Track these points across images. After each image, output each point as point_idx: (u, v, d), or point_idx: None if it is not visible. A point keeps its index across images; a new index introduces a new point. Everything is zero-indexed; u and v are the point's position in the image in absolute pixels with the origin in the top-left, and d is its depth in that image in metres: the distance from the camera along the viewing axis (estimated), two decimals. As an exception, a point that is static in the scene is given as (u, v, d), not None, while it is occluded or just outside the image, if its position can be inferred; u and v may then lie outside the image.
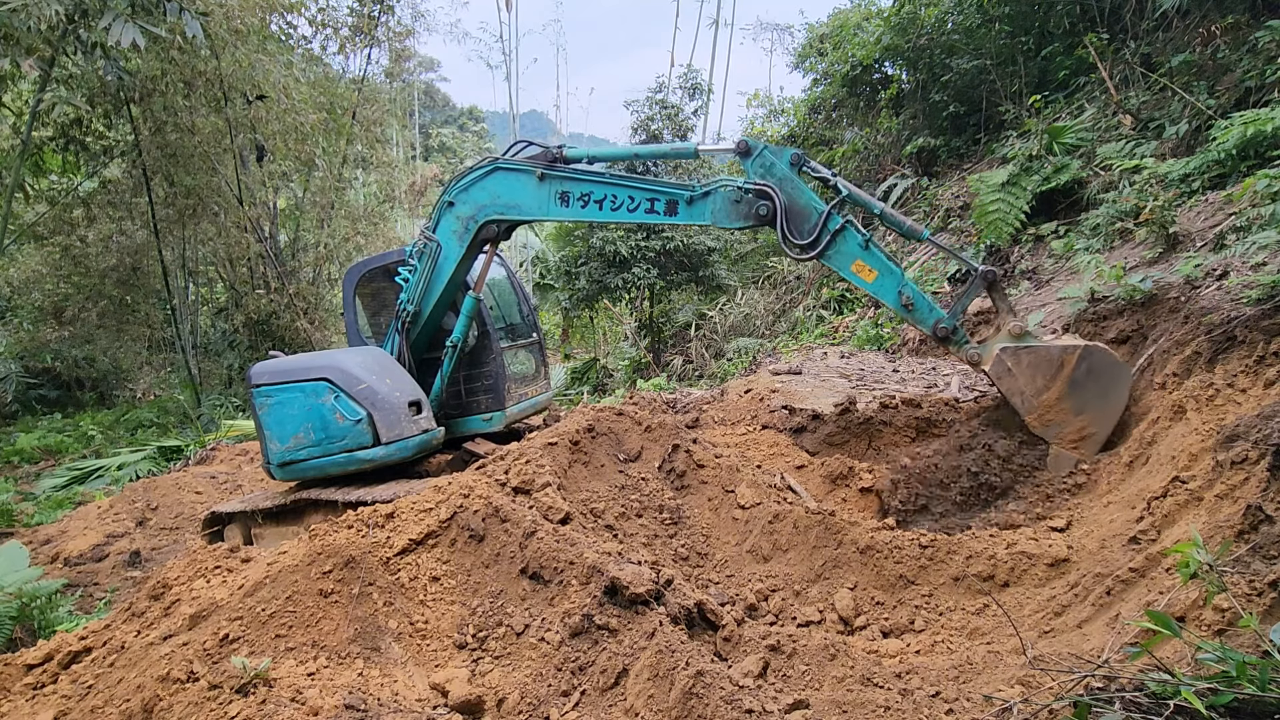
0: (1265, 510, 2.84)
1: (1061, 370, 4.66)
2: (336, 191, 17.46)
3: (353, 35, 16.48)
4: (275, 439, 5.46)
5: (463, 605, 3.59)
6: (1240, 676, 2.01)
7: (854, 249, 5.00)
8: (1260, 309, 4.31)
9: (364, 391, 5.45)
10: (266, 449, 5.53)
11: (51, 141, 13.26)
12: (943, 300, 9.89)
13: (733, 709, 2.59)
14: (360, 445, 5.44)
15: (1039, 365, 4.69)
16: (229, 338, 17.44)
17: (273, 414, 5.45)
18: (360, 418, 5.40)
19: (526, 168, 5.44)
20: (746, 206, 5.10)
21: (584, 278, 15.48)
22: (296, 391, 5.44)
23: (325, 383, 5.43)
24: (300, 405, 5.43)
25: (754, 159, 5.12)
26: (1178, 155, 7.90)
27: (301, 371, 5.51)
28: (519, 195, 5.48)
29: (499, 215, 5.62)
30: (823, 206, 5.01)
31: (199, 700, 2.77)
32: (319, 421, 5.41)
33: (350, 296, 6.49)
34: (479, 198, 5.62)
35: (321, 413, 5.41)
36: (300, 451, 5.44)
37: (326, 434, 5.42)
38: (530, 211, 5.57)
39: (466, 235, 5.69)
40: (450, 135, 36.25)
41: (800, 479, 5.61)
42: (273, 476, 5.65)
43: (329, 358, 5.79)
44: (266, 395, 5.48)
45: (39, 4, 8.21)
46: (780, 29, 25.67)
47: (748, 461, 5.52)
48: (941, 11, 12.51)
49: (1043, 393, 4.70)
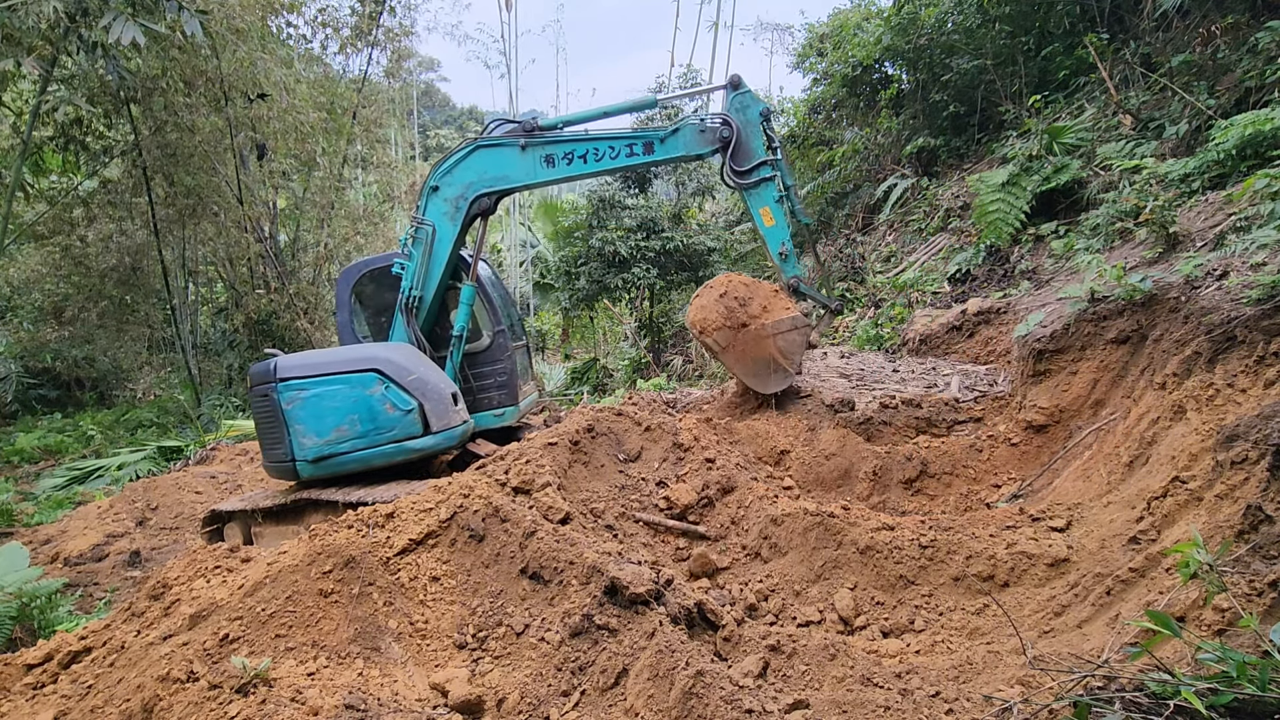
0: (1265, 510, 2.84)
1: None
2: (336, 191, 17.44)
3: (353, 35, 16.47)
4: (310, 433, 5.33)
5: (463, 605, 3.59)
6: (1240, 676, 2.01)
7: (769, 196, 6.05)
8: (1260, 309, 4.31)
9: (415, 382, 5.50)
10: (294, 445, 5.34)
11: (51, 141, 13.24)
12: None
13: (733, 709, 2.59)
14: (410, 435, 5.47)
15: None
16: (229, 338, 17.43)
17: (307, 408, 5.33)
18: (412, 408, 5.45)
19: (508, 141, 5.78)
20: (711, 134, 5.97)
21: (584, 278, 15.47)
22: (340, 384, 5.40)
23: (375, 373, 5.43)
24: (344, 397, 5.37)
25: (740, 93, 6.02)
26: (1178, 155, 7.90)
27: (344, 364, 5.48)
28: (506, 167, 5.83)
29: (489, 189, 5.95)
30: (764, 155, 6.02)
31: (199, 700, 2.77)
32: (366, 413, 5.39)
33: (346, 297, 6.50)
34: (465, 177, 5.90)
35: (370, 404, 5.39)
36: (343, 444, 5.37)
37: (375, 425, 5.40)
38: (519, 179, 5.92)
39: (458, 215, 5.96)
40: (446, 137, 36.39)
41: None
42: (295, 476, 5.41)
43: (370, 349, 5.75)
44: (298, 389, 5.34)
45: (38, 2, 8.21)
46: (780, 29, 25.61)
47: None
48: (941, 12, 12.50)
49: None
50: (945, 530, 4.32)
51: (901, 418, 6.42)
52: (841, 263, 13.28)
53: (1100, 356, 5.70)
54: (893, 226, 13.38)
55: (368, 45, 16.85)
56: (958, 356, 8.41)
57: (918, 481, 5.66)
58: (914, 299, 10.44)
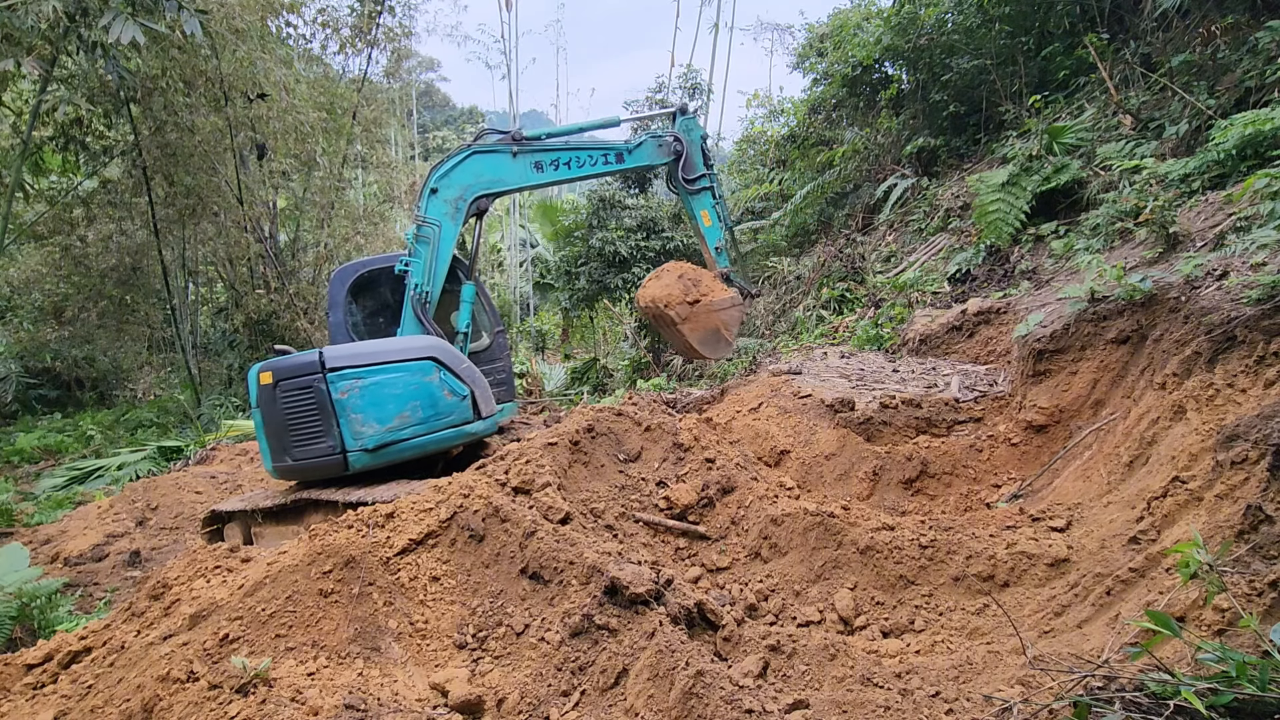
0: (1265, 510, 2.84)
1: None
2: (336, 191, 17.45)
3: (353, 35, 16.48)
4: (371, 421, 5.33)
5: (463, 605, 3.59)
6: (1240, 676, 2.01)
7: (708, 202, 7.18)
8: (1260, 309, 4.31)
9: (466, 370, 5.76)
10: (346, 435, 5.28)
11: (51, 141, 13.24)
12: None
13: (733, 709, 2.59)
14: (465, 420, 5.69)
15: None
16: (229, 338, 17.43)
17: (366, 396, 5.35)
18: (466, 394, 5.68)
19: (501, 148, 6.32)
20: (666, 148, 7.01)
21: (584, 278, 15.49)
22: (400, 371, 5.49)
23: (432, 361, 5.59)
24: (405, 384, 5.46)
25: (687, 118, 7.16)
26: (1178, 155, 7.89)
27: (400, 352, 5.58)
28: (500, 171, 6.33)
29: (486, 190, 6.37)
30: (704, 169, 7.15)
31: (199, 700, 2.77)
32: (428, 399, 5.51)
33: (341, 297, 6.51)
34: (463, 179, 6.25)
35: (430, 390, 5.53)
36: (405, 431, 5.44)
37: (435, 411, 5.53)
38: (513, 182, 6.51)
39: (459, 215, 6.30)
40: (444, 139, 36.52)
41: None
42: (344, 468, 5.34)
43: (421, 339, 5.89)
44: (354, 379, 5.33)
45: (38, 2, 8.21)
46: (780, 29, 25.58)
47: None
48: (941, 12, 12.49)
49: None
50: (945, 530, 4.32)
51: (901, 418, 6.42)
52: (841, 263, 13.27)
53: (1100, 356, 5.70)
54: (893, 226, 13.38)
55: (367, 45, 16.85)
56: (958, 356, 8.41)
57: (918, 481, 5.66)
58: (914, 299, 10.43)
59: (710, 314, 6.85)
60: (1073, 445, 5.32)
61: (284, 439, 5.39)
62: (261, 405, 5.45)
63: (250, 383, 5.59)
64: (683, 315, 6.74)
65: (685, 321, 6.74)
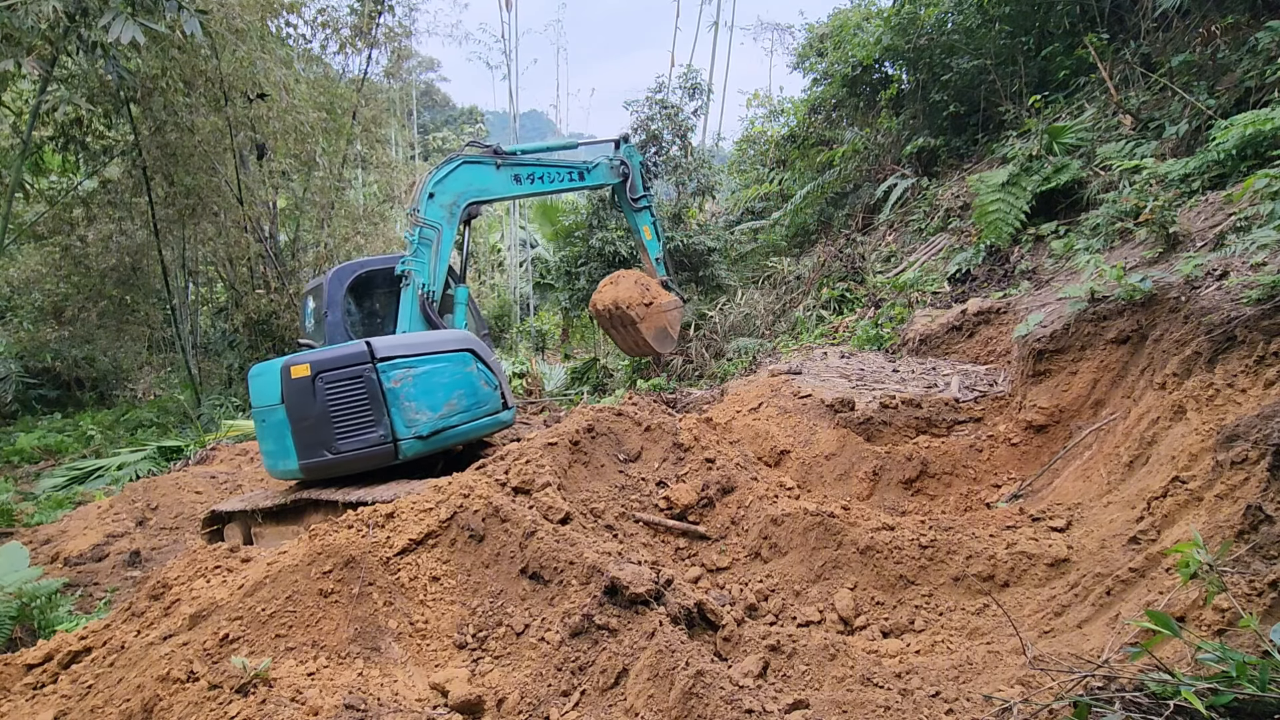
0: (1265, 510, 2.84)
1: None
2: (336, 191, 17.44)
3: (353, 35, 16.47)
4: (424, 409, 5.50)
5: (463, 605, 3.59)
6: (1240, 676, 2.01)
7: (649, 218, 8.20)
8: (1260, 309, 4.31)
9: (494, 361, 6.09)
10: (398, 423, 5.35)
11: (51, 141, 13.23)
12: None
13: (733, 709, 2.59)
14: (497, 409, 6.03)
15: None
16: (229, 338, 17.43)
17: (419, 385, 5.52)
18: (497, 384, 6.00)
19: (486, 160, 6.83)
20: (616, 170, 7.92)
21: (584, 278, 15.47)
22: (445, 361, 5.74)
23: (470, 353, 5.90)
24: (449, 374, 5.73)
25: (626, 147, 8.03)
26: (1178, 155, 7.89)
27: (441, 344, 5.86)
28: (487, 180, 6.83)
29: (476, 197, 6.83)
30: (644, 190, 8.13)
31: (199, 700, 2.77)
32: (469, 388, 5.80)
33: (340, 296, 6.51)
34: (456, 186, 6.63)
35: (471, 380, 5.85)
36: (453, 418, 5.69)
37: (475, 399, 5.82)
38: (497, 192, 7.02)
39: (454, 219, 6.66)
40: (444, 139, 36.62)
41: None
42: (394, 457, 5.42)
43: (455, 333, 6.17)
44: (406, 367, 5.49)
45: (38, 2, 8.21)
46: (780, 29, 25.64)
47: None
48: (941, 12, 12.49)
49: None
50: (945, 530, 4.32)
51: (901, 418, 6.42)
52: (841, 263, 13.27)
53: (1100, 356, 5.70)
54: (893, 226, 13.38)
55: (367, 45, 16.84)
56: (958, 356, 8.41)
57: (918, 481, 5.66)
58: (914, 299, 10.43)
59: (661, 314, 7.83)
60: (1073, 445, 5.32)
61: (324, 432, 5.32)
62: (292, 400, 5.33)
63: (270, 380, 5.46)
64: (641, 315, 7.64)
65: (643, 321, 7.64)
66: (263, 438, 5.70)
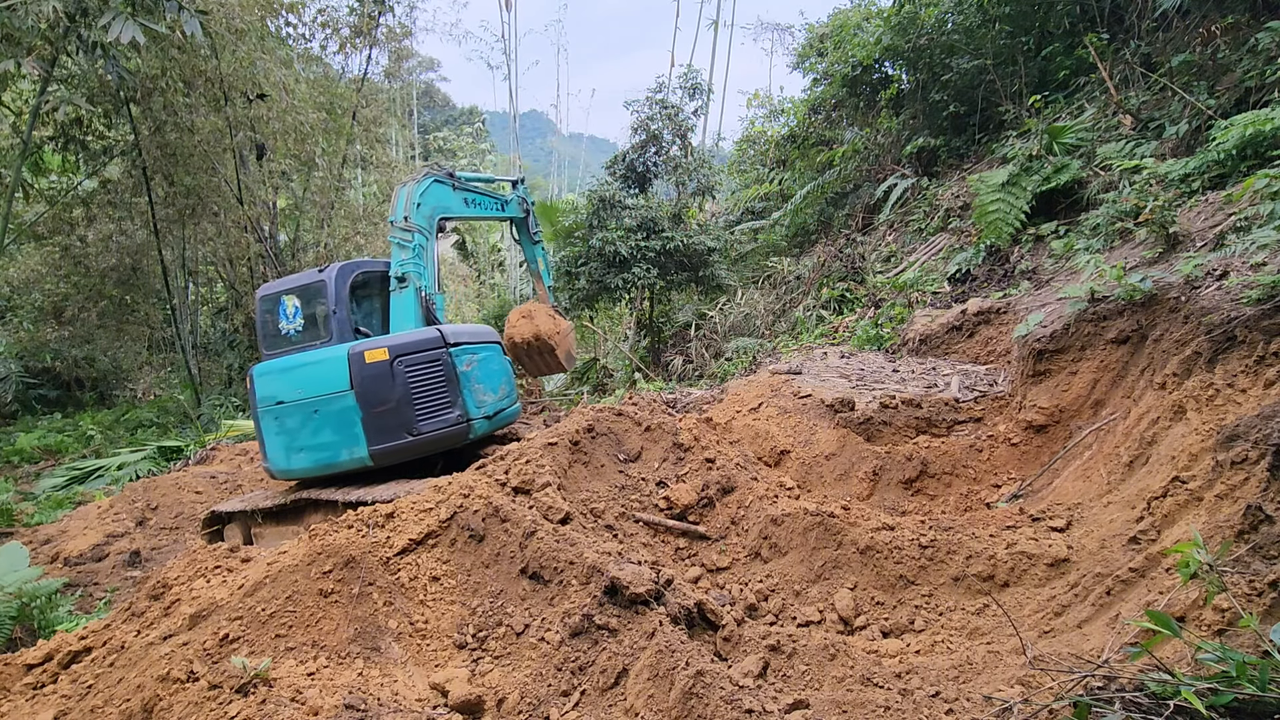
0: (1265, 510, 2.84)
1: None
2: (336, 191, 17.45)
3: (353, 35, 16.47)
4: (489, 391, 6.07)
5: (463, 605, 3.59)
6: (1240, 676, 2.01)
7: (542, 250, 9.27)
8: (1260, 309, 4.31)
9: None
10: (470, 404, 5.81)
11: (51, 141, 13.24)
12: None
13: (733, 709, 2.59)
14: (516, 400, 6.56)
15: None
16: (229, 338, 17.44)
17: (482, 369, 6.08)
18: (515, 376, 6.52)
19: (449, 181, 7.42)
20: (521, 206, 8.85)
21: (584, 278, 15.46)
22: (493, 350, 6.40)
23: (500, 345, 6.58)
24: (498, 362, 6.43)
25: (521, 188, 9.06)
26: (1178, 155, 7.89)
27: (484, 335, 6.43)
28: (448, 200, 7.43)
29: (444, 213, 7.42)
30: (537, 225, 9.21)
31: (199, 700, 2.77)
32: (507, 376, 6.52)
33: (345, 294, 6.50)
34: (432, 200, 7.11)
35: (508, 368, 6.58)
36: (503, 401, 6.29)
37: (510, 387, 6.52)
38: (456, 210, 7.65)
39: (434, 228, 7.12)
40: (444, 139, 36.63)
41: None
42: (467, 436, 5.81)
43: (483, 327, 6.77)
44: (472, 353, 6.00)
45: (38, 2, 8.22)
46: (780, 29, 25.62)
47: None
48: (941, 11, 12.48)
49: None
50: (945, 530, 4.32)
51: (901, 418, 6.42)
52: (841, 263, 13.27)
53: (1100, 356, 5.70)
54: (893, 226, 13.38)
55: (367, 45, 16.85)
56: (958, 356, 8.41)
57: (918, 481, 5.66)
58: (914, 299, 10.43)
59: (566, 338, 9.01)
60: (1073, 445, 5.32)
61: (405, 414, 5.45)
62: (366, 385, 5.40)
63: (330, 368, 5.52)
64: (558, 341, 8.79)
65: (559, 346, 8.76)
66: (314, 431, 5.54)
